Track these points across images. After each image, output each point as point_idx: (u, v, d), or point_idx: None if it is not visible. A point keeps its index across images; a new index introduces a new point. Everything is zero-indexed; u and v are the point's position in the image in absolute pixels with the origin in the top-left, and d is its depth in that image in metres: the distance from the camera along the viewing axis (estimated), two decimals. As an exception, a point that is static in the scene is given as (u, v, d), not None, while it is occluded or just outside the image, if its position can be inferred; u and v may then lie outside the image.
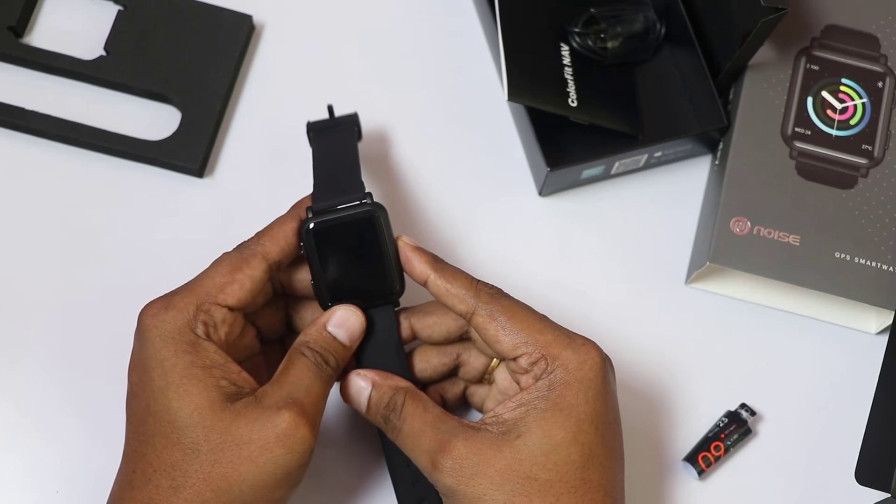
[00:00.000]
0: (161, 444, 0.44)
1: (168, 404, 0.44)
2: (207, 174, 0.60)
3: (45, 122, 0.59)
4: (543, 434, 0.45)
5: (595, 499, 0.46)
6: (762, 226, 0.57)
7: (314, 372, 0.47)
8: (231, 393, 0.45)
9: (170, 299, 0.46)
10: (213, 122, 0.60)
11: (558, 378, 0.46)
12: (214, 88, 0.60)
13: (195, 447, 0.44)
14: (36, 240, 0.58)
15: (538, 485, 0.45)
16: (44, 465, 0.54)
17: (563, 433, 0.45)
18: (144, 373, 0.45)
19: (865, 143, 0.59)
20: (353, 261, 0.49)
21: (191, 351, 0.45)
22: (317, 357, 0.47)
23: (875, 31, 0.60)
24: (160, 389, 0.45)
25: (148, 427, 0.45)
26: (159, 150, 0.59)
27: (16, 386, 0.56)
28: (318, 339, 0.48)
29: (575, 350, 0.47)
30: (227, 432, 0.44)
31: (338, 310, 0.49)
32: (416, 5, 0.64)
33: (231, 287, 0.47)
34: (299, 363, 0.47)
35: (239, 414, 0.44)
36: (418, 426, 0.46)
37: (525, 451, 0.45)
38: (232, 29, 0.62)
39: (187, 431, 0.44)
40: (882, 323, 0.59)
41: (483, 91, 0.63)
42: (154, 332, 0.45)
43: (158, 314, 0.46)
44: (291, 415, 0.44)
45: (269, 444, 0.44)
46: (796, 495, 0.57)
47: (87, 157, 0.60)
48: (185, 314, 0.46)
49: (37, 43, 0.61)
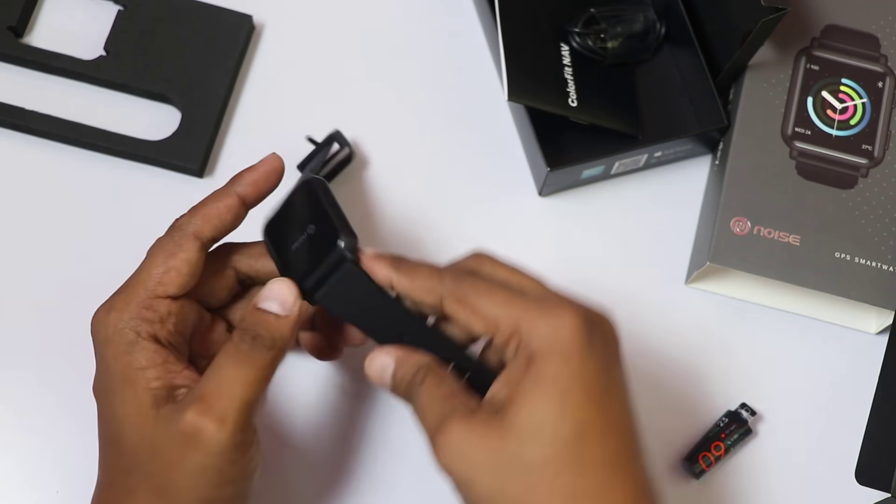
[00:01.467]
0: (114, 452, 0.44)
1: (112, 410, 0.44)
2: (207, 174, 0.60)
3: (45, 122, 0.59)
4: (527, 412, 0.41)
5: (599, 476, 0.41)
6: (762, 226, 0.57)
7: (234, 356, 0.44)
8: (162, 396, 0.43)
9: (112, 301, 0.45)
10: (213, 122, 0.60)
11: (535, 350, 0.42)
12: (214, 88, 0.60)
13: (135, 455, 0.43)
14: (35, 240, 0.58)
15: (527, 467, 0.41)
16: (43, 465, 0.54)
17: (547, 409, 0.41)
18: (97, 377, 0.45)
19: (865, 143, 0.59)
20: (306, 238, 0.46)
21: (128, 352, 0.44)
22: (244, 337, 0.44)
23: (875, 31, 0.60)
24: (107, 393, 0.44)
25: (103, 433, 0.45)
26: (159, 150, 0.59)
27: (16, 386, 0.56)
28: (245, 317, 0.45)
29: (547, 317, 0.42)
30: (152, 440, 0.43)
31: (268, 284, 0.46)
32: (416, 5, 0.64)
33: (168, 276, 0.45)
34: (223, 350, 0.44)
35: (161, 419, 0.43)
36: (427, 401, 0.43)
37: (511, 432, 0.41)
38: (232, 29, 0.62)
39: (127, 439, 0.43)
40: (882, 323, 0.59)
41: (483, 91, 0.63)
42: (98, 336, 0.45)
43: (102, 318, 0.45)
44: (192, 414, 0.42)
45: (181, 447, 0.42)
46: (796, 495, 0.57)
47: (88, 157, 0.60)
48: (125, 314, 0.44)
49: (37, 43, 0.61)
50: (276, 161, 0.48)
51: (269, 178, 0.48)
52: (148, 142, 0.59)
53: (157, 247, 0.46)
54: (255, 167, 0.48)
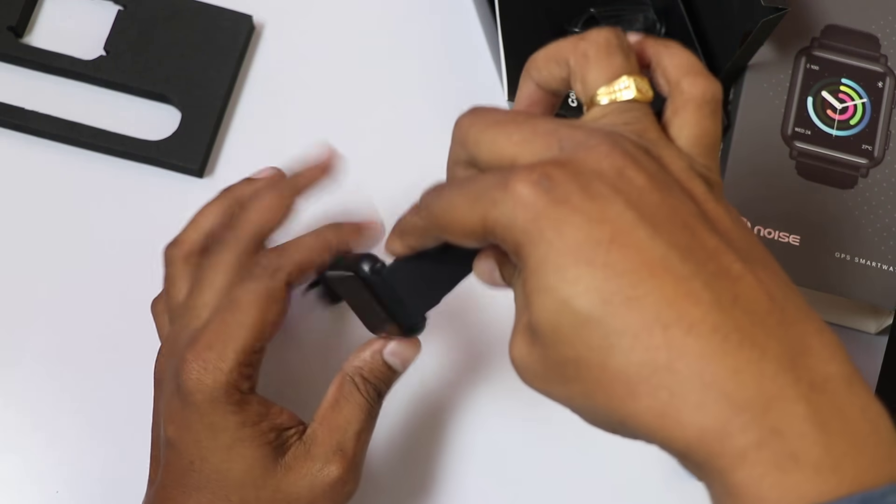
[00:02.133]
0: (207, 499, 0.43)
1: (218, 465, 0.43)
2: (207, 174, 0.60)
3: (45, 122, 0.59)
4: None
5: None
6: (762, 226, 0.57)
7: (366, 411, 0.45)
8: (280, 444, 0.44)
9: (206, 359, 0.42)
10: (213, 122, 0.60)
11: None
12: (214, 88, 0.60)
13: (244, 502, 0.43)
14: (35, 239, 0.58)
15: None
16: (44, 466, 0.54)
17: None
18: (188, 431, 0.43)
19: (865, 143, 0.59)
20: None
21: (238, 411, 0.43)
22: (369, 389, 0.45)
23: (875, 32, 0.60)
24: (208, 450, 0.43)
25: (191, 480, 0.43)
26: (159, 150, 0.59)
27: (16, 386, 0.56)
28: (374, 370, 0.45)
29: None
30: (278, 490, 0.43)
31: (394, 340, 0.46)
32: (416, 5, 0.64)
33: (266, 331, 0.43)
34: (351, 398, 0.45)
35: (289, 469, 0.43)
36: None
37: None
38: (232, 29, 0.62)
39: (238, 490, 0.43)
40: (882, 323, 0.59)
41: (483, 91, 0.63)
42: (198, 396, 0.42)
43: (201, 378, 0.42)
44: (340, 469, 0.43)
45: (317, 498, 0.43)
46: (796, 495, 0.57)
47: (87, 157, 0.60)
48: (230, 375, 0.42)
49: (37, 43, 0.61)
50: (377, 228, 0.47)
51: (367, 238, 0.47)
52: (148, 142, 0.59)
53: (248, 296, 0.43)
54: (357, 225, 0.47)
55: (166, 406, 0.45)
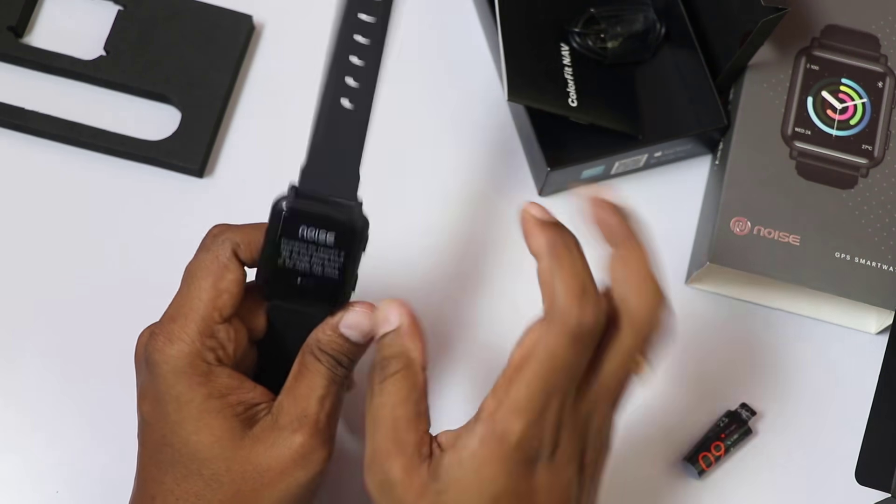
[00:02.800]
0: (181, 474, 0.44)
1: (187, 437, 0.44)
2: (207, 174, 0.60)
3: (45, 122, 0.59)
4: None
5: None
6: (762, 226, 0.57)
7: (327, 377, 0.45)
8: (248, 417, 0.44)
9: (169, 330, 0.44)
10: (213, 122, 0.60)
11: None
12: (214, 88, 0.60)
13: (217, 478, 0.43)
14: (35, 239, 0.58)
15: None
16: (44, 466, 0.54)
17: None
18: (158, 404, 0.44)
19: (865, 143, 0.59)
20: (311, 256, 0.45)
21: (205, 382, 0.44)
22: (330, 361, 0.46)
23: (875, 31, 0.60)
24: (177, 423, 0.44)
25: (164, 456, 0.44)
26: (159, 150, 0.59)
27: (16, 386, 0.56)
28: (331, 341, 0.46)
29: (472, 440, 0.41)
30: (248, 461, 0.43)
31: (350, 310, 0.46)
32: (416, 5, 0.64)
33: (221, 299, 0.45)
34: (312, 367, 0.45)
35: (257, 440, 0.44)
36: (385, 413, 0.43)
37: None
38: (232, 29, 0.62)
39: (208, 463, 0.43)
40: (882, 323, 0.59)
41: (483, 91, 0.63)
42: (164, 367, 0.44)
43: (164, 349, 0.44)
44: (306, 435, 0.44)
45: (288, 467, 0.44)
46: (796, 495, 0.57)
47: (87, 157, 0.60)
48: (192, 345, 0.44)
49: (37, 43, 0.61)
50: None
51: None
52: (148, 142, 0.59)
53: (199, 268, 0.45)
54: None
55: (139, 385, 0.46)
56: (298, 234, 0.45)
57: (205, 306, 0.45)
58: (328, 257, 0.45)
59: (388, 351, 0.44)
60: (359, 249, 0.46)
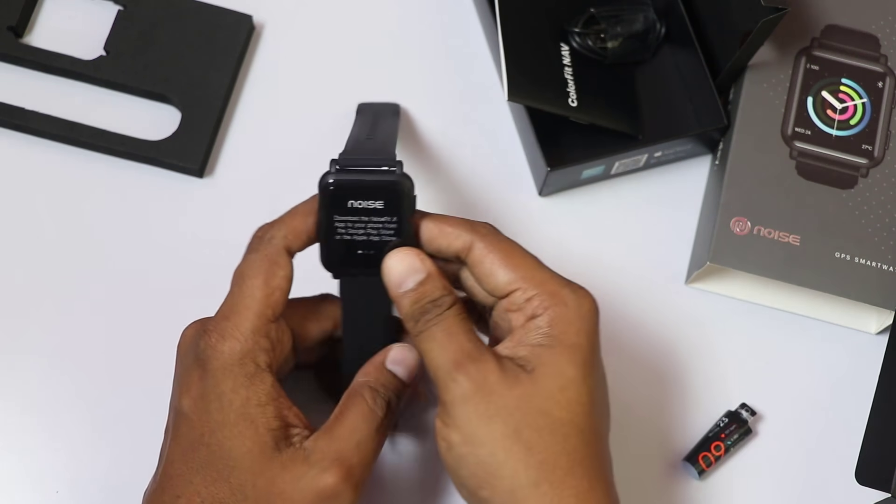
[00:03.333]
0: (212, 478, 0.43)
1: (223, 441, 0.43)
2: (207, 174, 0.60)
3: (45, 122, 0.59)
4: (556, 370, 0.43)
5: (598, 449, 0.45)
6: (762, 226, 0.57)
7: (370, 422, 0.45)
8: (282, 436, 0.44)
9: (223, 328, 0.44)
10: (213, 122, 0.60)
11: (558, 315, 0.44)
12: (214, 88, 0.60)
13: (242, 489, 0.43)
14: (36, 239, 0.58)
15: (550, 421, 0.43)
16: (44, 466, 0.54)
17: (574, 370, 0.44)
18: (203, 401, 0.44)
19: (865, 142, 0.59)
20: (366, 226, 0.46)
21: (248, 385, 0.44)
22: (377, 399, 0.46)
23: (875, 31, 0.60)
24: (218, 424, 0.44)
25: (199, 455, 0.44)
26: (159, 150, 0.59)
27: (16, 386, 0.56)
28: (379, 378, 0.46)
29: (573, 290, 0.45)
30: (273, 483, 0.43)
31: (395, 347, 0.48)
32: (416, 5, 0.64)
33: (273, 297, 0.45)
34: (356, 410, 0.45)
35: (285, 467, 0.43)
36: (448, 332, 0.44)
37: (540, 386, 0.43)
38: (232, 29, 0.61)
39: (237, 472, 0.43)
40: (882, 323, 0.59)
41: (483, 91, 0.63)
42: (215, 363, 0.44)
43: (216, 345, 0.44)
44: (336, 478, 0.43)
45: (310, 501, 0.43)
46: (796, 495, 0.57)
47: (87, 157, 0.60)
48: (244, 344, 0.44)
49: (37, 43, 0.61)
50: None
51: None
52: (148, 142, 0.59)
53: (250, 267, 0.45)
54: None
55: (183, 377, 0.45)
56: (348, 206, 0.45)
57: (258, 304, 0.44)
58: (382, 224, 0.46)
59: (428, 297, 0.45)
60: (409, 209, 0.46)
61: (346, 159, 0.46)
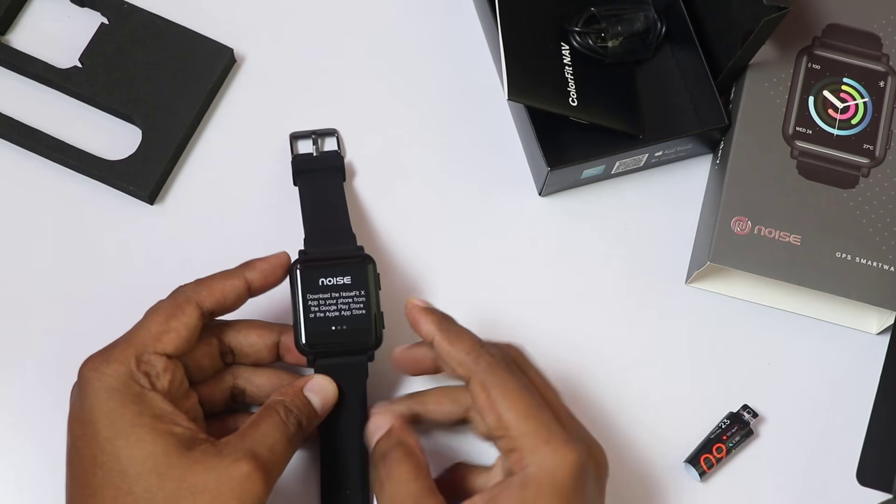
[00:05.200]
0: (111, 496, 0.44)
1: (117, 454, 0.44)
2: (158, 201, 0.59)
3: (7, 125, 0.58)
4: None
5: None
6: (763, 225, 0.57)
7: (282, 431, 0.46)
8: (186, 438, 0.45)
9: (109, 352, 0.46)
10: (173, 150, 0.58)
11: (531, 478, 0.44)
12: (181, 116, 0.59)
13: (149, 495, 0.43)
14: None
15: None
16: (38, 469, 0.54)
17: None
18: (88, 425, 0.45)
19: (867, 142, 0.58)
20: (336, 310, 0.50)
21: (137, 402, 0.45)
22: (290, 416, 0.47)
23: (877, 31, 0.60)
24: (108, 440, 0.44)
25: (95, 479, 0.44)
26: (113, 170, 0.58)
27: (10, 389, 0.55)
28: (294, 400, 0.48)
29: (553, 449, 0.44)
30: (183, 479, 0.43)
31: (316, 377, 0.50)
32: (417, 5, 0.63)
33: (168, 335, 0.47)
34: (270, 420, 0.47)
35: (196, 461, 0.44)
36: (401, 493, 0.46)
37: None
38: (210, 58, 0.60)
39: (140, 479, 0.43)
40: (883, 323, 0.59)
41: (483, 91, 0.62)
42: (97, 384, 0.45)
43: (99, 367, 0.45)
44: (249, 467, 0.44)
45: (224, 494, 0.43)
46: (798, 496, 0.57)
47: (43, 165, 0.59)
48: (127, 366, 0.45)
49: (16, 43, 0.60)
50: (285, 258, 0.51)
51: (277, 273, 0.51)
52: (103, 160, 0.58)
53: (157, 307, 0.48)
54: (267, 259, 0.51)
55: (70, 412, 0.47)
56: (319, 284, 0.50)
57: (150, 336, 0.47)
58: (351, 298, 0.50)
59: (385, 445, 0.47)
60: (374, 284, 0.51)
61: (311, 253, 0.52)
